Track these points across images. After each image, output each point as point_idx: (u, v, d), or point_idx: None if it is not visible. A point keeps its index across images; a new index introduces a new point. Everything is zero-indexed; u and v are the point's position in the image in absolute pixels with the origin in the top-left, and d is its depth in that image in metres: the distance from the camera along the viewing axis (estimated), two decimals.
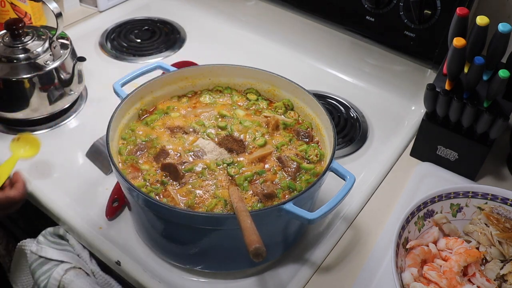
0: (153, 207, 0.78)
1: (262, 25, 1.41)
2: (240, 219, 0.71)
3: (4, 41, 1.06)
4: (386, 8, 1.14)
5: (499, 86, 0.90)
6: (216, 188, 0.84)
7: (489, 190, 0.91)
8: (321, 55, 1.33)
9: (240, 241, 0.69)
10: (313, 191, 0.82)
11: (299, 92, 0.97)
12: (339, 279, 0.87)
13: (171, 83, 0.99)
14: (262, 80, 1.01)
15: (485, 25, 0.90)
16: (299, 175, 0.88)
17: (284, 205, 0.75)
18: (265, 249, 0.66)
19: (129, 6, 1.51)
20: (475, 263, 0.85)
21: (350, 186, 0.80)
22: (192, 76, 1.01)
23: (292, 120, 0.98)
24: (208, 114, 0.98)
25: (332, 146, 0.86)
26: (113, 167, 0.80)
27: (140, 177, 0.85)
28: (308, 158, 0.90)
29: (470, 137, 1.00)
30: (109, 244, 0.90)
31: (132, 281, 0.87)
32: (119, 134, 0.91)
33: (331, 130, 0.87)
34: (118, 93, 0.93)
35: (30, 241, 0.99)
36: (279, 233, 0.84)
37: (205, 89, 1.03)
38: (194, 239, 0.81)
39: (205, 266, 0.86)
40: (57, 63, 1.07)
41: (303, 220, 0.75)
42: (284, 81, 0.98)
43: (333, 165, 0.82)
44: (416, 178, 1.04)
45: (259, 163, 0.89)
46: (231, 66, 1.01)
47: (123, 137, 0.92)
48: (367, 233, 0.94)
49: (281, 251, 0.88)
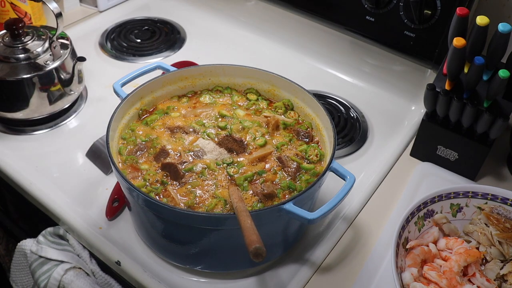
0: (153, 207, 0.78)
1: (262, 25, 1.41)
2: (240, 219, 0.71)
3: (4, 41, 1.06)
4: (386, 8, 1.14)
5: (499, 86, 0.90)
6: (216, 188, 0.84)
7: (489, 190, 0.91)
8: (321, 55, 1.33)
9: (240, 241, 0.69)
10: (313, 191, 0.82)
11: (299, 92, 0.97)
12: (339, 279, 0.87)
13: (171, 83, 0.99)
14: (262, 80, 1.01)
15: (485, 25, 0.90)
16: (299, 175, 0.88)
17: (284, 205, 0.75)
18: (265, 249, 0.66)
19: (129, 6, 1.51)
20: (475, 263, 0.85)
21: (350, 186, 0.80)
22: (192, 76, 1.01)
23: (292, 120, 0.98)
24: (208, 114, 0.98)
25: (332, 146, 0.86)
26: (113, 167, 0.80)
27: (140, 177, 0.85)
28: (308, 158, 0.90)
29: (470, 137, 1.00)
30: (109, 244, 0.90)
31: (132, 281, 0.87)
32: (119, 134, 0.91)
33: (331, 130, 0.87)
34: (118, 93, 0.93)
35: (30, 241, 0.99)
36: (279, 233, 0.84)
37: (205, 89, 1.03)
38: (194, 239, 0.81)
39: (205, 266, 0.86)
40: (57, 63, 1.07)
41: (303, 220, 0.75)
42: (284, 81, 0.98)
43: (333, 165, 0.82)
44: (416, 178, 1.04)
45: (259, 163, 0.89)
46: (231, 66, 1.01)
47: (123, 137, 0.92)
48: (367, 233, 0.94)
49: (281, 251, 0.88)
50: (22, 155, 1.05)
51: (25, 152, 1.06)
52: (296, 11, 1.30)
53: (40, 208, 0.99)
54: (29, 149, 1.07)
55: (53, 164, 1.04)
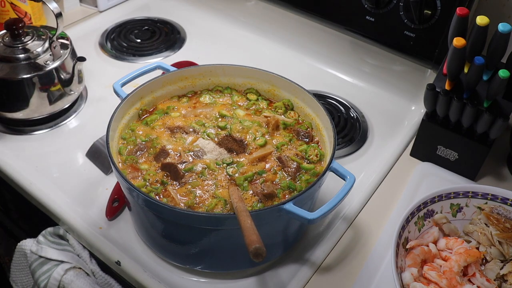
0: (153, 207, 0.78)
1: (262, 25, 1.41)
2: (240, 219, 0.71)
3: (4, 41, 1.06)
4: (386, 8, 1.14)
5: (499, 86, 0.90)
6: (216, 188, 0.84)
7: (489, 190, 0.91)
8: (321, 55, 1.33)
9: (240, 241, 0.69)
10: (313, 191, 0.82)
11: (299, 92, 0.97)
12: (339, 279, 0.87)
13: (171, 83, 0.99)
14: (262, 80, 1.01)
15: (485, 25, 0.90)
16: (299, 175, 0.88)
17: (284, 205, 0.75)
18: (265, 249, 0.66)
19: (129, 6, 1.51)
20: (475, 263, 0.85)
21: (350, 186, 0.80)
22: (192, 76, 1.01)
23: (292, 120, 0.97)
24: (208, 114, 0.98)
25: (332, 146, 0.86)
26: (113, 167, 0.80)
27: (140, 177, 0.85)
28: (308, 158, 0.90)
29: (470, 137, 1.00)
30: (109, 244, 0.90)
31: (132, 281, 0.87)
32: (119, 134, 0.91)
33: (331, 130, 0.87)
34: (118, 93, 0.93)
35: (30, 241, 0.99)
36: (279, 233, 0.84)
37: (205, 89, 1.03)
38: (194, 239, 0.81)
39: (205, 266, 0.86)
40: (57, 63, 1.07)
41: (303, 220, 0.75)
42: (284, 81, 0.98)
43: (333, 165, 0.82)
44: (416, 178, 1.04)
45: (259, 163, 0.89)
46: (231, 66, 1.01)
47: (123, 137, 0.92)
48: (367, 233, 0.94)
49: (281, 251, 0.88)
50: (22, 155, 1.05)
51: (25, 152, 1.06)
52: (296, 11, 1.30)
53: (40, 208, 0.99)
54: (29, 149, 1.07)
55: (53, 164, 1.04)
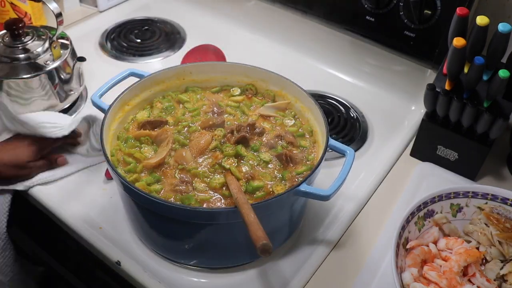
0: (147, 202, 0.77)
1: (262, 25, 1.41)
2: (242, 212, 0.71)
3: (4, 41, 1.06)
4: (386, 8, 1.14)
5: (499, 86, 0.90)
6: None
7: (489, 190, 0.91)
8: (321, 55, 1.33)
9: (240, 235, 0.69)
10: (318, 171, 0.83)
11: (286, 84, 0.97)
12: (339, 279, 0.87)
13: (146, 89, 0.97)
14: (238, 74, 1.01)
15: (485, 25, 0.90)
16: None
17: (299, 186, 0.77)
18: (271, 245, 0.67)
19: (129, 6, 1.51)
20: (475, 263, 0.85)
21: (352, 159, 0.83)
22: (167, 78, 0.98)
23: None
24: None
25: (324, 128, 0.87)
26: (110, 168, 0.80)
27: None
28: (301, 145, 0.91)
29: (470, 137, 1.00)
30: (109, 244, 0.90)
31: (132, 281, 0.87)
32: (112, 136, 0.90)
33: (318, 110, 0.90)
34: (98, 105, 0.91)
35: None
36: (286, 218, 0.86)
37: (177, 91, 1.00)
38: (191, 233, 0.81)
39: (203, 261, 0.86)
40: (57, 63, 1.07)
41: (320, 198, 0.78)
42: (259, 71, 0.99)
43: (331, 142, 0.85)
44: (416, 178, 1.04)
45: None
46: (205, 63, 1.00)
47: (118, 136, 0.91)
48: (367, 233, 0.94)
49: (286, 236, 0.89)
50: None
51: None
52: (296, 11, 1.30)
53: (40, 208, 0.99)
54: None
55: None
